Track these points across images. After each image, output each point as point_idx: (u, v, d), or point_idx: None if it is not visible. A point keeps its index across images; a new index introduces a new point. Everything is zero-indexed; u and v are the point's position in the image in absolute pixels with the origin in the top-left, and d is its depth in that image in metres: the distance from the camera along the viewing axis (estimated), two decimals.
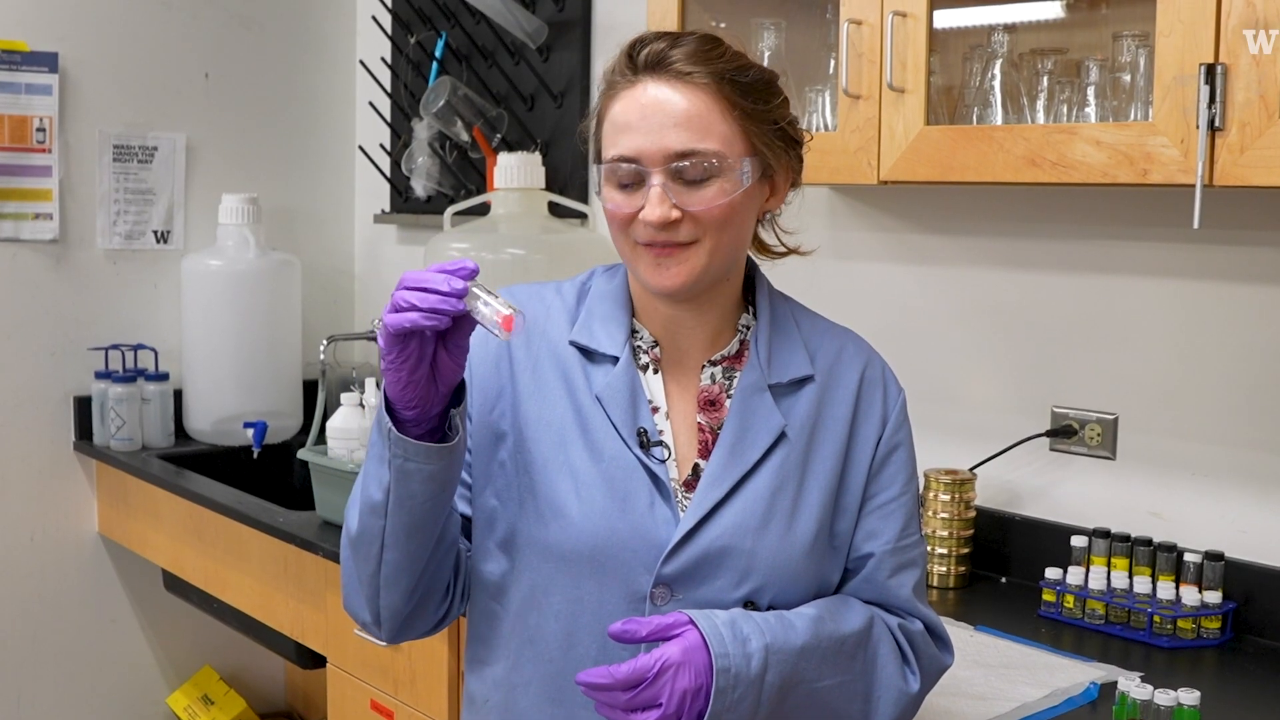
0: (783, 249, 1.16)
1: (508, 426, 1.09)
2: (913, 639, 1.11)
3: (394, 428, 0.98)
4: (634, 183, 1.04)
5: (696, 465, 1.09)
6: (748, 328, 1.13)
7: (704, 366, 1.11)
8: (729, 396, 1.10)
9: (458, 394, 1.02)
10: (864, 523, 1.11)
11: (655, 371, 1.11)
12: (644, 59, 1.04)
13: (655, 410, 1.09)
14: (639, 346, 1.11)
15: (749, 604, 1.06)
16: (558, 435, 1.08)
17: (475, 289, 0.95)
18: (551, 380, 1.10)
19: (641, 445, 1.06)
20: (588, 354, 1.10)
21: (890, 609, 1.12)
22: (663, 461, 1.07)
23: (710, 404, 1.10)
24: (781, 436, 1.08)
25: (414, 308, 0.94)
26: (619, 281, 1.13)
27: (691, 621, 1.00)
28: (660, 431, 1.09)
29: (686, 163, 1.02)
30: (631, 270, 1.09)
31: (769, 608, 1.06)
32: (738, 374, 1.11)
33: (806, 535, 1.07)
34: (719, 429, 1.09)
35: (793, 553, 1.06)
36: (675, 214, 1.02)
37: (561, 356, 1.10)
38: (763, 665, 1.00)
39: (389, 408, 0.99)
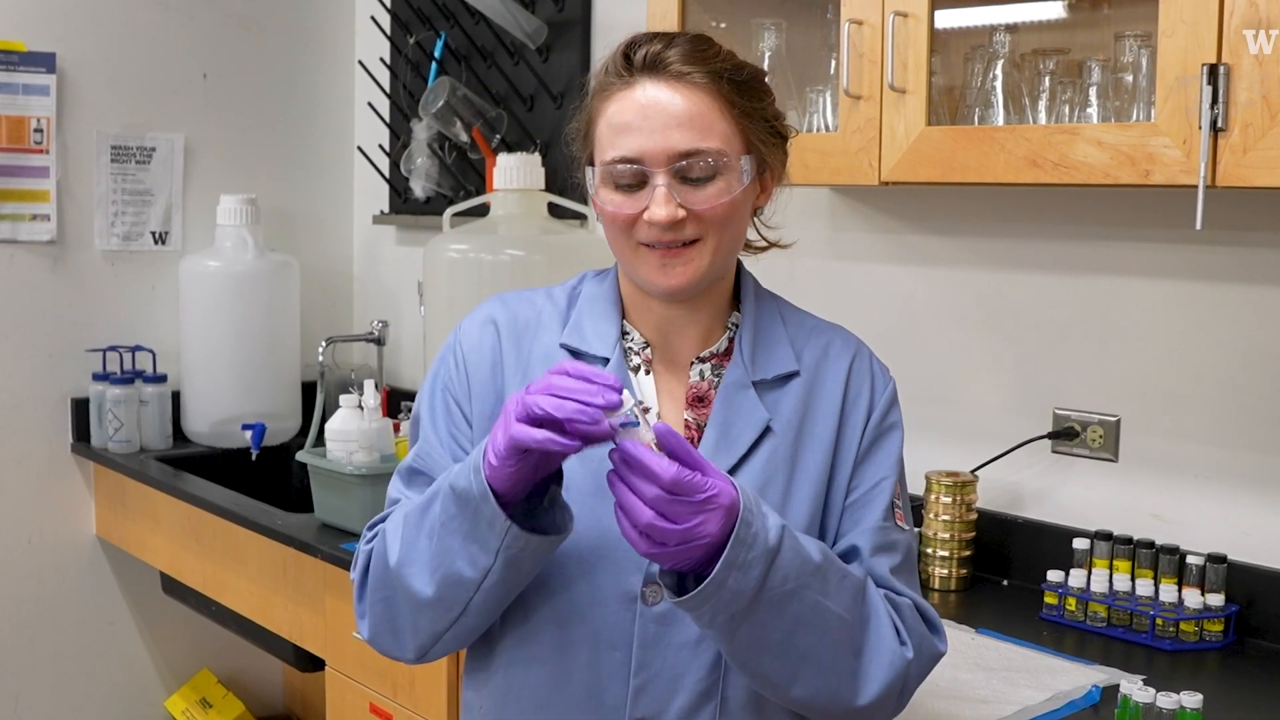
0: (763, 243, 1.16)
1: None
2: (900, 610, 1.06)
3: (508, 519, 0.95)
4: (635, 184, 1.03)
5: None
6: (737, 325, 1.13)
7: (693, 363, 1.11)
8: (717, 393, 1.10)
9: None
10: (848, 511, 1.10)
11: (647, 373, 1.11)
12: (640, 60, 1.04)
13: (646, 411, 1.08)
14: (630, 348, 1.12)
15: None
16: None
17: (626, 408, 0.90)
18: None
19: None
20: (578, 357, 1.09)
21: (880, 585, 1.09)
22: None
23: (699, 400, 1.11)
24: (767, 431, 1.08)
25: (551, 440, 0.90)
26: (609, 284, 1.13)
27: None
28: None
29: (690, 162, 1.02)
30: (631, 272, 1.08)
31: None
32: (725, 370, 1.11)
33: (797, 530, 1.05)
34: (705, 425, 1.09)
35: None
36: (681, 213, 1.02)
37: (552, 360, 1.10)
38: (779, 541, 0.95)
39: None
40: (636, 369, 1.11)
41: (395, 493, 1.11)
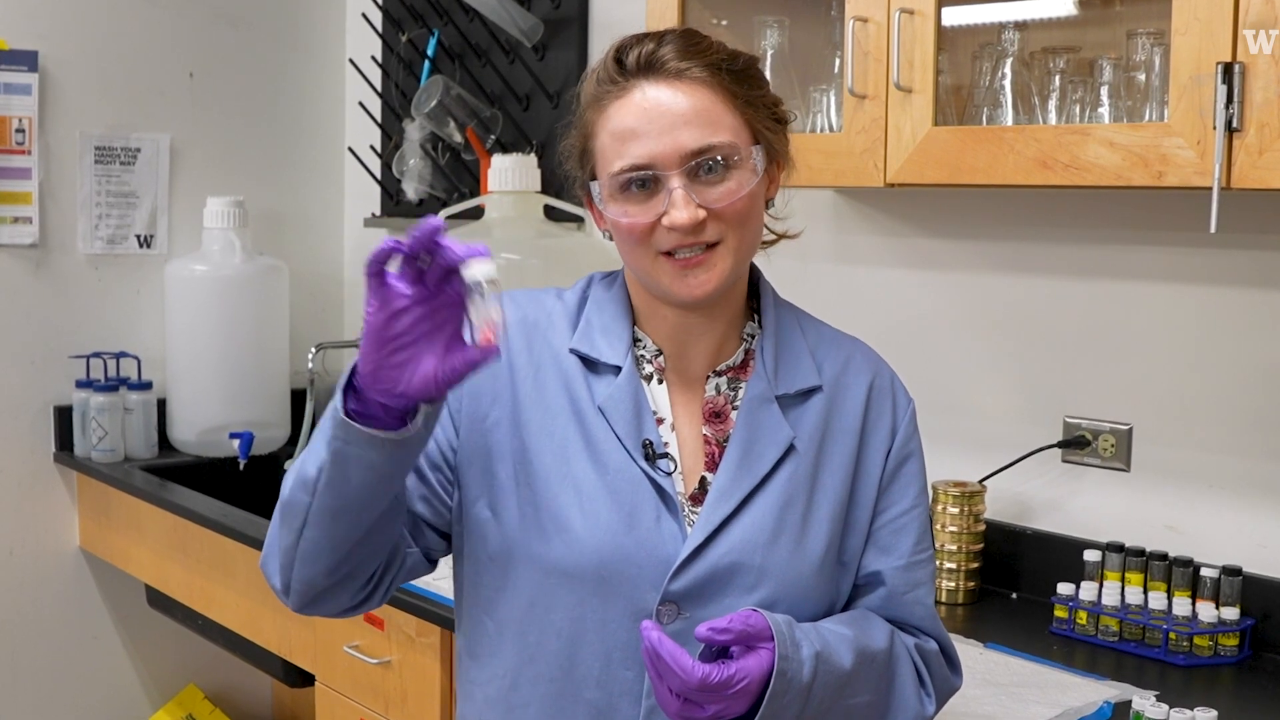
0: (772, 236, 1.13)
1: (505, 435, 1.06)
2: (928, 659, 1.09)
3: (341, 407, 0.93)
4: (649, 191, 1.00)
5: (703, 478, 1.06)
6: (752, 336, 1.11)
7: (709, 377, 1.09)
8: (734, 408, 1.08)
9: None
10: (875, 538, 1.09)
11: (659, 382, 1.08)
12: (634, 62, 1.01)
13: (660, 422, 1.07)
14: (642, 356, 1.09)
15: None
16: (560, 446, 1.05)
17: (480, 283, 0.87)
18: (553, 388, 1.07)
19: (647, 458, 1.04)
20: (589, 364, 1.07)
21: (907, 627, 1.10)
22: (669, 474, 1.04)
23: (715, 415, 1.08)
24: (790, 449, 1.06)
25: (389, 242, 0.88)
26: (618, 289, 1.10)
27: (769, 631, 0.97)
28: (665, 444, 1.06)
29: (703, 159, 0.99)
30: (651, 284, 1.05)
31: None
32: (743, 385, 1.08)
33: (817, 550, 1.05)
34: (725, 441, 1.07)
35: (803, 568, 1.04)
36: (702, 214, 0.99)
37: (563, 364, 1.07)
38: (812, 674, 0.97)
39: (351, 386, 0.93)
40: (649, 378, 1.08)
41: None
